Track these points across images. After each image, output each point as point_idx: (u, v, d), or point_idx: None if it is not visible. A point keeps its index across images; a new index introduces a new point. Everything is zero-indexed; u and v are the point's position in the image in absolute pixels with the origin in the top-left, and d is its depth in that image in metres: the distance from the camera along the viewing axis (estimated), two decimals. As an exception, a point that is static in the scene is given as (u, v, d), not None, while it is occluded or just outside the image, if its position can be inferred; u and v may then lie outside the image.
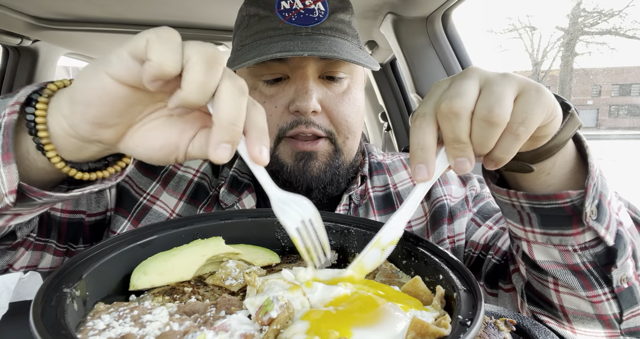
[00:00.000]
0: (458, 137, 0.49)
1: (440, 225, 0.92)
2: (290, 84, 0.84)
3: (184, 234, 0.61)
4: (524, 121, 0.48)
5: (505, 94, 0.48)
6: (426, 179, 0.51)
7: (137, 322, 0.44)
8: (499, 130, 0.48)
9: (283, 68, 0.83)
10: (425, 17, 1.67)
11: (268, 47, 0.78)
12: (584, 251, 0.62)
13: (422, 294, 0.52)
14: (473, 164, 0.50)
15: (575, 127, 0.58)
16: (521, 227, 0.66)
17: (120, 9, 1.77)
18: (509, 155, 0.51)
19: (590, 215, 0.58)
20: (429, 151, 0.50)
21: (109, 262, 0.52)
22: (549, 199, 0.60)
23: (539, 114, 0.49)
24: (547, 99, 0.50)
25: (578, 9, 22.23)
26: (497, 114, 0.47)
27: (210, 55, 0.44)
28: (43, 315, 0.39)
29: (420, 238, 0.61)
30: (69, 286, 0.45)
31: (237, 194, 0.93)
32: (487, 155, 0.51)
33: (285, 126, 0.83)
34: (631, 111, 31.62)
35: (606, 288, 0.63)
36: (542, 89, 0.50)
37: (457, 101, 0.48)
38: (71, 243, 0.86)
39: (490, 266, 0.85)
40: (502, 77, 0.50)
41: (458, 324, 0.41)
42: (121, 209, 0.91)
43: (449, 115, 0.49)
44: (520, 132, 0.48)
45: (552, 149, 0.58)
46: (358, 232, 0.66)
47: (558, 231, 0.62)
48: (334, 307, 0.45)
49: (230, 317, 0.43)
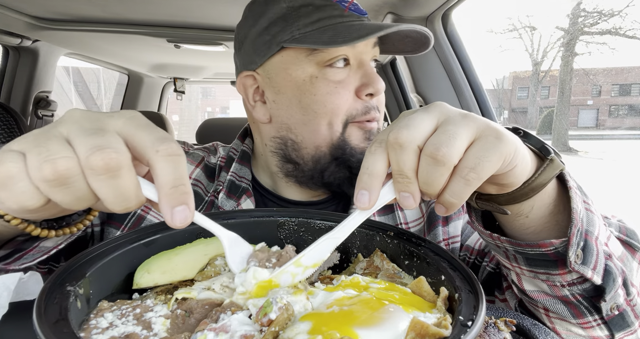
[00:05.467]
0: (402, 170, 0.47)
1: (436, 227, 0.92)
2: (354, 69, 0.86)
3: (187, 234, 0.61)
4: (475, 167, 0.45)
5: (458, 135, 0.46)
6: (366, 207, 0.48)
7: (139, 320, 0.44)
8: (445, 170, 0.45)
9: (348, 53, 0.84)
10: (425, 17, 1.67)
11: (359, 28, 0.79)
12: (572, 287, 0.61)
13: (426, 295, 0.51)
14: (417, 201, 0.48)
15: (554, 172, 0.56)
16: (508, 262, 0.66)
17: (120, 9, 1.77)
18: (460, 200, 0.48)
19: (575, 261, 0.56)
20: (375, 178, 0.48)
21: (112, 260, 0.52)
22: (532, 247, 0.59)
23: (493, 162, 0.46)
24: (506, 147, 0.46)
25: (578, 9, 22.22)
26: (443, 153, 0.44)
27: (107, 158, 0.40)
28: (46, 313, 0.39)
29: (422, 238, 0.61)
30: (73, 284, 0.45)
31: (235, 199, 0.92)
32: (438, 198, 0.49)
33: (355, 112, 0.85)
34: (631, 110, 31.62)
35: (596, 315, 0.63)
36: (502, 135, 0.47)
37: (404, 131, 0.46)
38: (52, 263, 0.85)
39: (486, 273, 0.85)
40: (462, 117, 0.48)
41: (459, 325, 0.41)
42: (113, 221, 0.90)
43: (394, 145, 0.47)
44: (471, 178, 0.46)
45: (527, 193, 0.56)
46: (360, 233, 0.66)
47: (544, 270, 0.61)
48: (338, 307, 0.45)
49: (231, 317, 0.43)
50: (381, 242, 0.64)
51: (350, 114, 0.85)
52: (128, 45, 2.44)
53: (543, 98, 31.52)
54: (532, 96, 28.07)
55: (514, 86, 32.95)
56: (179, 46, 2.30)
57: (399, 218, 0.95)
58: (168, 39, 2.17)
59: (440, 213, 0.50)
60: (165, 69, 3.35)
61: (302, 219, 0.66)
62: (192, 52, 2.49)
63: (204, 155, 1.00)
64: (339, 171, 0.88)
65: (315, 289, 0.51)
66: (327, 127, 0.85)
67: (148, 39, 2.17)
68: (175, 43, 2.24)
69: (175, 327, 0.45)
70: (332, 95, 0.83)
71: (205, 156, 1.00)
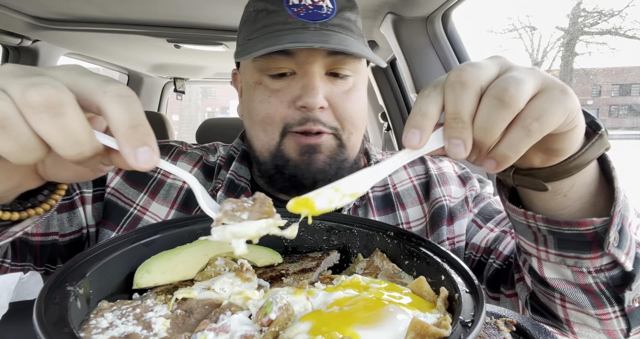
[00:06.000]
0: (458, 112, 0.44)
1: (440, 226, 0.92)
2: (296, 79, 0.84)
3: (187, 234, 0.61)
4: (539, 117, 0.43)
5: (526, 80, 0.43)
6: (416, 146, 0.45)
7: (139, 320, 0.44)
8: (509, 115, 0.42)
9: (290, 63, 0.83)
10: (425, 17, 1.67)
11: (278, 39, 0.78)
12: (598, 273, 0.60)
13: (426, 295, 0.51)
14: (468, 151, 0.45)
15: (602, 149, 0.53)
16: (534, 246, 0.63)
17: (120, 9, 1.77)
18: (515, 154, 0.45)
19: (612, 242, 0.55)
20: (428, 118, 0.45)
21: (112, 260, 0.53)
22: (571, 225, 0.57)
23: (558, 115, 0.44)
24: (572, 103, 0.45)
25: (578, 9, 22.22)
26: (511, 94, 0.42)
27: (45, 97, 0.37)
28: (46, 313, 0.39)
29: (422, 238, 0.61)
30: (73, 284, 0.45)
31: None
32: (491, 151, 0.46)
33: (292, 121, 0.83)
34: (631, 110, 31.61)
35: (617, 306, 0.61)
36: (568, 91, 0.45)
37: (468, 69, 0.44)
38: (49, 264, 0.85)
39: (492, 270, 0.85)
40: (528, 68, 0.46)
41: (459, 325, 0.41)
42: (108, 222, 0.89)
43: (454, 84, 0.44)
44: (533, 129, 0.43)
45: (571, 169, 0.53)
46: (361, 233, 0.66)
47: (575, 254, 0.59)
48: (338, 307, 0.45)
49: (231, 317, 0.43)
50: (381, 242, 0.64)
51: (287, 122, 0.84)
52: (128, 45, 2.43)
53: (543, 98, 31.41)
54: (532, 96, 27.94)
55: (514, 86, 32.86)
56: (179, 46, 2.30)
57: (400, 218, 0.94)
58: (168, 39, 2.17)
59: (490, 169, 0.47)
60: (165, 69, 3.35)
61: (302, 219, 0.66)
62: (192, 52, 2.49)
63: (202, 154, 1.00)
64: (282, 180, 0.88)
65: (315, 289, 0.51)
66: (264, 134, 0.86)
67: (148, 39, 2.17)
68: (175, 43, 2.24)
69: (175, 327, 0.45)
70: (264, 103, 0.84)
71: (203, 155, 1.00)
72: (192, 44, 2.25)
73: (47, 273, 0.85)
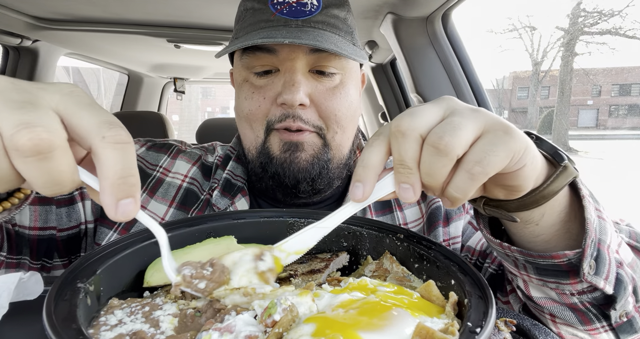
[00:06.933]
0: (403, 159, 0.45)
1: (436, 227, 0.91)
2: (279, 76, 0.83)
3: (198, 233, 0.62)
4: (480, 161, 0.43)
5: (464, 126, 0.43)
6: (360, 200, 0.46)
7: (148, 318, 0.44)
8: (447, 161, 0.43)
9: (272, 60, 0.83)
10: (425, 17, 1.67)
11: (253, 36, 0.79)
12: (581, 295, 0.60)
13: (435, 299, 0.50)
14: (417, 194, 0.46)
15: (567, 179, 0.53)
16: (516, 270, 0.64)
17: (120, 9, 1.77)
18: (464, 195, 0.45)
19: (588, 272, 0.55)
20: (370, 170, 0.46)
21: (123, 258, 0.53)
22: (544, 258, 0.57)
23: (501, 157, 0.43)
24: (515, 143, 0.44)
25: (578, 9, 22.20)
26: (446, 142, 0.42)
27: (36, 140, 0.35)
28: (56, 309, 0.39)
29: (433, 241, 0.60)
30: (84, 281, 0.45)
31: (230, 198, 0.91)
32: (442, 192, 0.47)
33: (273, 118, 0.83)
34: (631, 110, 31.61)
35: (604, 322, 0.62)
36: (512, 131, 0.44)
37: (407, 119, 0.45)
38: (45, 259, 0.85)
39: (488, 275, 0.84)
40: (471, 111, 0.46)
41: (467, 332, 0.39)
42: (105, 221, 0.89)
43: (396, 133, 0.45)
44: (476, 172, 0.43)
45: (538, 201, 0.53)
46: (370, 235, 0.65)
47: (554, 280, 0.59)
48: (343, 309, 0.44)
49: (236, 318, 0.43)
50: (391, 245, 0.64)
51: (269, 119, 0.84)
52: (128, 45, 2.44)
53: (543, 98, 31.50)
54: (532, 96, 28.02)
55: (514, 86, 32.93)
56: (179, 46, 2.30)
57: (397, 218, 0.94)
58: (168, 39, 2.17)
59: (447, 206, 0.48)
60: (165, 69, 3.35)
61: (312, 219, 0.66)
62: (192, 52, 2.49)
63: (201, 154, 1.00)
64: (267, 178, 0.87)
65: (322, 291, 0.50)
66: (250, 131, 0.87)
67: (148, 39, 2.17)
68: (175, 43, 2.24)
69: (183, 326, 0.45)
70: (248, 100, 0.85)
71: (202, 155, 1.00)
72: (192, 44, 2.25)
73: (43, 267, 0.85)
